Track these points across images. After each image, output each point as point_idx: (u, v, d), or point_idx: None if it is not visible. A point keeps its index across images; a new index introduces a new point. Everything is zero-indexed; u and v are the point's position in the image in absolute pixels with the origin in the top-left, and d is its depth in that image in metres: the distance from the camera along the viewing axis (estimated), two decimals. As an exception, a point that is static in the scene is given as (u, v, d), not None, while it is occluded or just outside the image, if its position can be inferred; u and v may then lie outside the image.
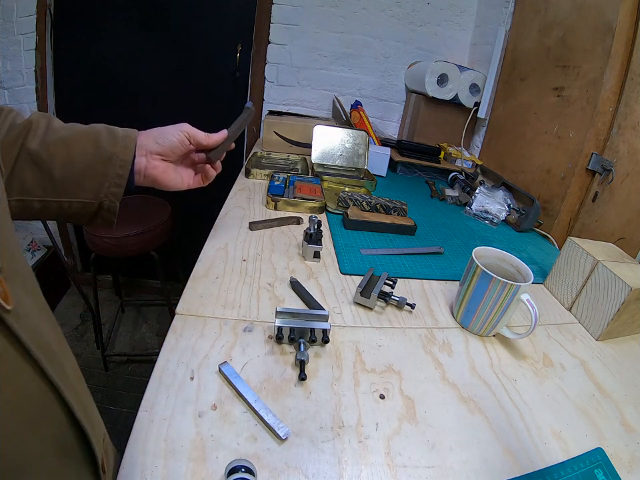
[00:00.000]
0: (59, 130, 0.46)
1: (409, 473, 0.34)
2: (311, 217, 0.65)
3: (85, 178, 0.46)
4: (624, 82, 0.81)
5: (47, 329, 0.23)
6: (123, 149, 0.48)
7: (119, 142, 0.48)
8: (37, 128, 0.45)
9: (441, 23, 1.48)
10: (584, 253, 0.60)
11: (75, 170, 0.46)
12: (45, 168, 0.44)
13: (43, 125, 0.45)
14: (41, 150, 0.44)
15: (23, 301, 0.20)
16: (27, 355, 0.19)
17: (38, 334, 0.21)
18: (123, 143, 0.48)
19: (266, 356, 0.44)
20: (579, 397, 0.45)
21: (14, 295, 0.19)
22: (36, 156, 0.43)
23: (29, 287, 0.22)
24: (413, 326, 0.53)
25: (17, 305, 0.19)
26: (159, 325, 1.83)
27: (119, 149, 0.47)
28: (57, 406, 0.22)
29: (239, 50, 1.53)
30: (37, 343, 0.20)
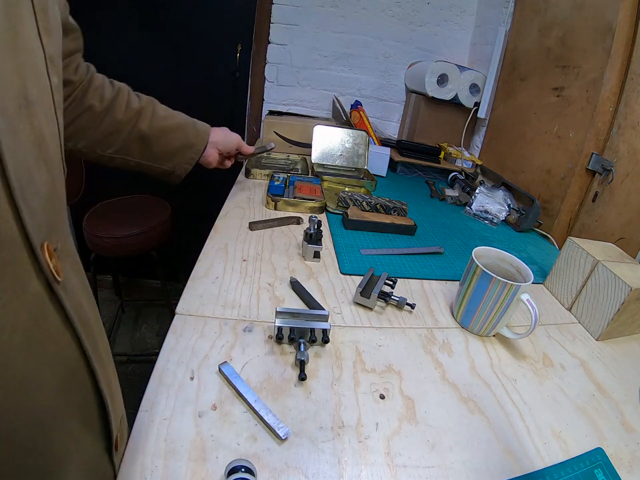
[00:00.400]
0: (161, 119, 0.66)
1: (408, 473, 0.34)
2: (310, 217, 0.65)
3: (171, 155, 0.68)
4: (624, 82, 0.81)
5: (87, 306, 0.26)
6: (200, 141, 0.71)
7: (199, 136, 0.71)
8: (146, 113, 0.65)
9: (441, 23, 1.48)
10: (584, 252, 0.60)
11: (167, 149, 0.68)
12: (147, 143, 0.65)
13: (150, 111, 0.65)
14: (148, 131, 0.64)
15: (71, 278, 0.23)
16: (68, 322, 0.22)
17: (80, 308, 0.24)
18: (201, 137, 0.71)
19: (266, 356, 0.44)
20: (579, 396, 0.45)
21: (65, 271, 0.22)
22: (144, 135, 0.64)
23: (76, 268, 0.25)
24: (413, 326, 0.53)
25: (66, 280, 0.22)
26: (159, 325, 1.83)
27: (198, 140, 0.71)
28: (85, 374, 0.25)
29: (239, 50, 1.53)
30: (77, 315, 0.23)
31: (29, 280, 0.19)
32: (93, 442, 0.27)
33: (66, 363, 0.23)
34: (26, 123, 0.20)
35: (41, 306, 0.20)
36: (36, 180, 0.20)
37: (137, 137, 0.64)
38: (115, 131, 0.62)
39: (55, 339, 0.21)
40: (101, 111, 0.60)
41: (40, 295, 0.20)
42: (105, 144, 0.62)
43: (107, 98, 0.61)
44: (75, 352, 0.23)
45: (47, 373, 0.21)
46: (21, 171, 0.18)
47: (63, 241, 0.23)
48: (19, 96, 0.19)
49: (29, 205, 0.18)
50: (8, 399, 0.18)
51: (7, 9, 0.18)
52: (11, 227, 0.17)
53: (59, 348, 0.22)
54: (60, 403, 0.22)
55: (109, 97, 0.61)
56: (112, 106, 0.61)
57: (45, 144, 0.22)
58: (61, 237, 0.23)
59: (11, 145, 0.17)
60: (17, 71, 0.19)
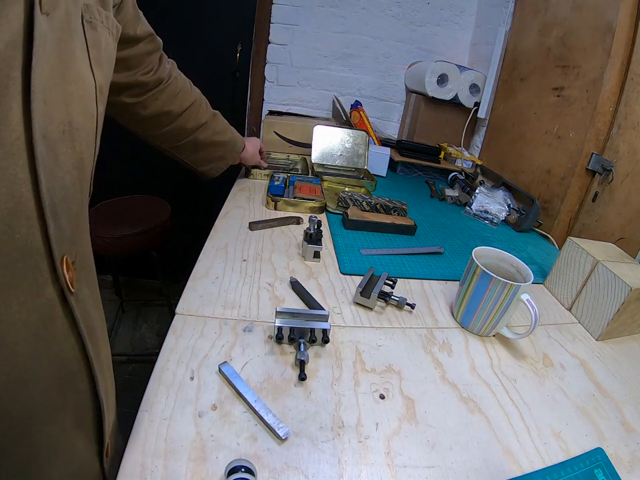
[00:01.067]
0: (215, 134, 0.80)
1: (408, 473, 0.34)
2: (310, 217, 0.65)
3: (208, 162, 0.83)
4: (624, 82, 0.81)
5: (95, 317, 0.27)
6: (233, 157, 0.87)
7: (234, 153, 0.87)
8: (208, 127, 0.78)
9: (441, 23, 1.48)
10: (584, 252, 0.60)
11: (208, 157, 0.82)
12: (197, 149, 0.79)
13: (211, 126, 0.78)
14: (201, 141, 0.78)
15: (83, 290, 0.25)
16: (75, 328, 0.24)
17: (88, 317, 0.26)
18: (235, 154, 0.87)
19: (266, 356, 0.44)
20: (579, 396, 0.45)
21: (79, 283, 0.24)
22: (198, 143, 0.78)
23: (90, 281, 0.27)
24: (413, 326, 0.53)
25: (78, 291, 0.24)
26: (159, 325, 1.83)
27: (233, 155, 0.87)
28: (85, 378, 0.26)
29: (239, 50, 1.53)
30: (85, 323, 0.25)
31: (45, 286, 0.21)
32: (85, 444, 0.28)
33: (67, 364, 0.24)
34: (68, 147, 0.22)
35: (52, 310, 0.22)
36: (70, 199, 0.22)
37: (192, 143, 0.77)
38: (180, 134, 0.74)
39: (60, 341, 0.23)
40: (177, 116, 0.71)
41: (53, 301, 0.22)
42: (169, 141, 0.75)
43: (184, 106, 0.72)
44: (77, 355, 0.25)
45: (48, 369, 0.22)
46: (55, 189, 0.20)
47: (82, 255, 0.26)
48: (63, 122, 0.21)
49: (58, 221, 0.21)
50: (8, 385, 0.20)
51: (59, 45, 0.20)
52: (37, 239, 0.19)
53: (63, 349, 0.24)
54: (56, 399, 0.24)
55: (186, 105, 0.73)
56: (186, 114, 0.73)
57: (83, 166, 0.24)
58: (80, 251, 0.25)
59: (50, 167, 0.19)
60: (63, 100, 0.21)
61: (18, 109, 0.17)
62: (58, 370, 0.23)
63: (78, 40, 0.23)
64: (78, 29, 0.23)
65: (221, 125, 0.81)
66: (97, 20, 0.25)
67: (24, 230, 0.19)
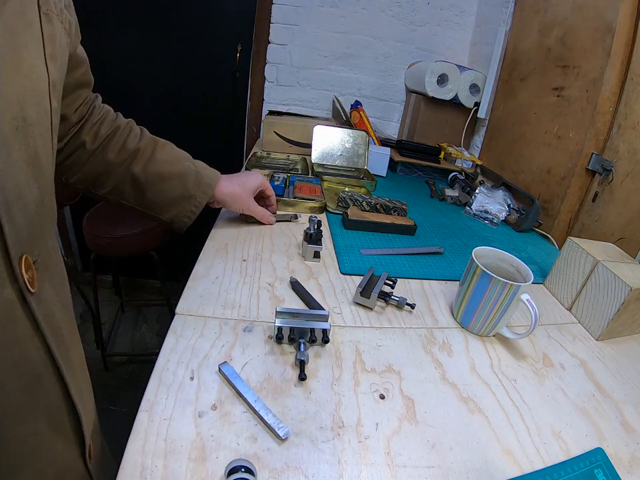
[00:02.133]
0: (159, 164, 0.58)
1: (408, 473, 0.34)
2: (310, 217, 0.65)
3: (167, 206, 0.60)
4: (624, 82, 0.81)
5: (61, 316, 0.27)
6: (202, 194, 0.61)
7: (201, 187, 0.61)
8: (143, 156, 0.57)
9: (441, 23, 1.48)
10: (584, 252, 0.60)
11: (162, 198, 0.59)
12: (140, 189, 0.58)
13: (147, 154, 0.57)
14: (141, 176, 0.57)
15: (47, 289, 0.25)
16: (37, 329, 0.23)
17: (52, 318, 0.25)
18: (203, 189, 0.61)
19: (266, 356, 0.44)
20: (579, 396, 0.45)
21: (40, 283, 0.23)
22: (136, 179, 0.57)
23: (56, 281, 0.27)
24: (413, 326, 0.53)
25: (40, 291, 0.23)
26: (159, 325, 1.83)
27: (199, 193, 0.61)
28: (54, 379, 0.26)
29: (239, 50, 1.53)
30: (48, 323, 0.24)
31: (3, 287, 0.20)
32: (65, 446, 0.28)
33: (32, 366, 0.24)
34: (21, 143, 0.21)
35: (12, 312, 0.21)
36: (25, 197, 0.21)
37: (129, 181, 0.57)
38: (106, 171, 0.56)
39: (23, 342, 0.23)
40: (94, 149, 0.55)
41: (12, 302, 0.21)
42: (97, 183, 0.57)
43: (101, 135, 0.55)
44: (43, 357, 0.24)
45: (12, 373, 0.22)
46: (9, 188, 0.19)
47: (45, 255, 0.25)
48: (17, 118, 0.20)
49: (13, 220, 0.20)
50: None
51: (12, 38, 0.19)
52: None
53: (26, 351, 0.23)
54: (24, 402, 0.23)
55: (105, 134, 0.56)
56: (106, 145, 0.56)
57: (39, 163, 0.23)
58: (43, 250, 0.24)
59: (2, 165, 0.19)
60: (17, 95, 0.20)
61: None
62: (23, 372, 0.23)
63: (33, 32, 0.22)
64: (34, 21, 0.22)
65: (167, 153, 0.60)
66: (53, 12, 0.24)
67: None
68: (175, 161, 0.60)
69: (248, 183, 0.68)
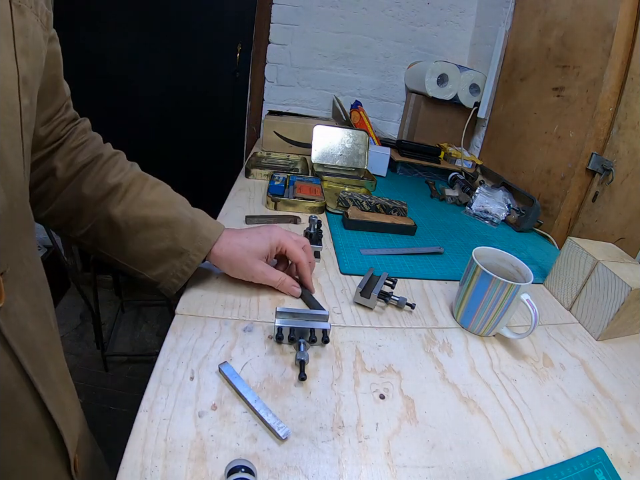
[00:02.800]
0: (144, 205, 0.46)
1: (408, 473, 0.34)
2: (310, 217, 0.65)
3: (153, 261, 0.47)
4: (624, 82, 0.81)
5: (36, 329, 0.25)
6: (196, 250, 0.48)
7: (195, 242, 0.48)
8: (126, 193, 0.45)
9: (441, 23, 1.48)
10: (584, 252, 0.60)
11: (146, 250, 0.47)
12: (120, 236, 0.45)
13: (132, 192, 0.46)
14: (120, 219, 0.44)
15: (17, 302, 0.23)
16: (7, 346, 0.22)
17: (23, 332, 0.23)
18: (198, 244, 0.48)
19: (266, 356, 0.44)
20: (579, 397, 0.45)
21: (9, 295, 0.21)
22: (114, 222, 0.44)
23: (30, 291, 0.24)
24: (413, 326, 0.53)
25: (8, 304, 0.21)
26: (159, 325, 1.83)
27: (193, 249, 0.48)
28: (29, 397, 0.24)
29: (239, 50, 1.53)
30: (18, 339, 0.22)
31: None
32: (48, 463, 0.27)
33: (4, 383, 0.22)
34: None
35: None
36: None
37: (106, 224, 0.45)
38: (78, 209, 0.44)
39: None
40: (66, 179, 0.44)
41: None
42: (70, 224, 0.46)
43: (77, 163, 0.44)
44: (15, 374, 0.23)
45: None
46: None
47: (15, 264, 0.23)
48: None
49: None
50: None
51: None
52: None
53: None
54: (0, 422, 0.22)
55: (82, 162, 0.45)
56: (83, 176, 0.45)
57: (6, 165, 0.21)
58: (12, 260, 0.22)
59: None
60: None
61: None
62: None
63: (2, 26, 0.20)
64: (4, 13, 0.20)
65: (157, 194, 0.48)
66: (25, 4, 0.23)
67: None
68: (166, 204, 0.48)
69: (254, 242, 0.51)
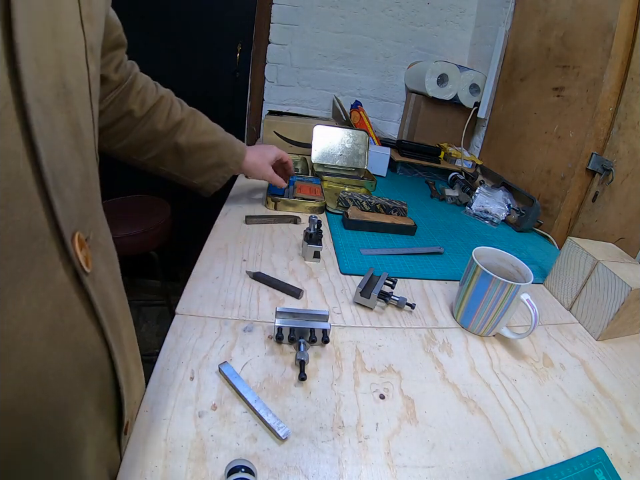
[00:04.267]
0: (200, 134, 0.65)
1: (408, 473, 0.34)
2: (310, 217, 0.65)
3: (203, 172, 0.68)
4: (624, 82, 0.81)
5: (114, 297, 0.26)
6: (234, 163, 0.70)
7: (234, 157, 0.70)
8: (186, 126, 0.63)
9: (441, 23, 1.48)
10: (584, 252, 0.60)
11: (199, 165, 0.67)
12: (181, 157, 0.64)
13: (190, 124, 0.64)
14: (184, 145, 0.63)
15: (100, 268, 0.23)
16: (93, 313, 0.22)
17: (106, 298, 0.24)
18: (235, 159, 0.70)
19: (266, 356, 0.44)
20: (579, 397, 0.45)
21: (94, 262, 0.22)
22: (180, 148, 0.63)
23: (108, 259, 0.26)
24: (413, 326, 0.53)
25: (95, 270, 0.22)
26: (159, 325, 1.83)
27: (232, 162, 0.70)
28: (107, 362, 0.25)
29: (239, 50, 1.53)
30: (103, 306, 0.23)
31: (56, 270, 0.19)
32: (105, 426, 0.28)
33: (89, 351, 0.23)
34: (63, 111, 0.19)
35: (67, 296, 0.20)
36: (70, 170, 0.20)
37: (172, 149, 0.63)
38: (152, 140, 0.61)
39: (79, 328, 0.21)
40: (141, 117, 0.58)
41: (66, 285, 0.20)
42: (141, 151, 0.61)
43: (148, 104, 0.59)
44: (98, 341, 0.23)
45: (69, 361, 0.21)
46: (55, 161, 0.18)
47: (96, 231, 0.24)
48: (57, 84, 0.18)
49: (62, 195, 0.18)
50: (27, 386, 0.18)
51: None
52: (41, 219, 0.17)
53: (83, 337, 0.22)
54: (80, 389, 0.22)
55: (151, 102, 0.59)
56: (153, 113, 0.60)
57: (81, 134, 0.21)
58: (93, 226, 0.23)
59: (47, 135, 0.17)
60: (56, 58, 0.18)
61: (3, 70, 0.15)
62: (80, 359, 0.22)
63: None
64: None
65: (205, 124, 0.67)
66: None
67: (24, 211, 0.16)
68: (212, 131, 0.67)
69: (267, 154, 0.77)
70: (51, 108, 0.18)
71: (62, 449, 0.22)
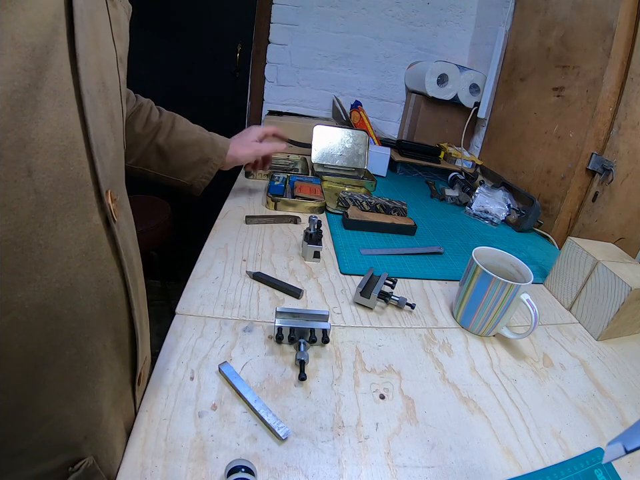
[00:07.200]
0: (179, 134, 0.69)
1: (408, 473, 0.34)
2: (310, 217, 0.65)
3: (188, 170, 0.71)
4: (624, 82, 0.81)
5: (132, 249, 0.31)
6: (217, 157, 0.73)
7: (216, 151, 0.73)
8: (165, 128, 0.68)
9: (441, 23, 1.48)
10: (584, 252, 0.60)
11: (183, 163, 0.70)
12: (164, 157, 0.68)
13: (168, 126, 0.68)
14: (165, 145, 0.68)
15: (123, 222, 0.29)
16: (116, 253, 0.27)
17: (127, 247, 0.29)
18: (218, 153, 0.73)
19: (266, 356, 0.44)
20: (579, 396, 0.45)
21: (119, 217, 0.27)
22: (161, 148, 0.67)
23: (129, 219, 0.31)
24: (413, 326, 0.53)
25: (120, 222, 0.28)
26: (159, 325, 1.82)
27: (215, 156, 0.72)
28: (124, 302, 0.29)
29: (239, 50, 1.53)
30: (124, 250, 0.28)
31: (92, 213, 0.24)
32: (121, 370, 0.31)
33: (110, 285, 0.27)
34: (103, 103, 0.25)
35: (98, 234, 0.25)
36: (107, 145, 0.26)
37: (154, 150, 0.67)
38: (133, 143, 0.65)
39: (105, 263, 0.26)
40: None
41: (99, 227, 0.25)
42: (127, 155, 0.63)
43: (127, 112, 0.63)
44: (118, 279, 0.28)
45: (94, 286, 0.25)
46: (97, 135, 0.24)
47: (121, 196, 0.30)
48: (98, 82, 0.25)
49: (101, 160, 0.24)
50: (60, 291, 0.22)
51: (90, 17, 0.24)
52: (86, 173, 0.23)
53: (107, 271, 0.27)
54: (100, 316, 0.26)
55: (129, 110, 0.65)
56: (133, 119, 0.65)
57: (114, 122, 0.28)
58: (120, 191, 0.29)
59: (93, 116, 0.23)
60: (98, 63, 0.25)
61: (67, 67, 0.21)
62: (102, 288, 0.26)
63: (103, 15, 0.27)
64: (102, 6, 0.27)
65: (184, 125, 0.71)
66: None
67: (76, 164, 0.22)
68: (192, 131, 0.71)
69: (246, 137, 0.81)
70: (95, 98, 0.24)
71: (81, 366, 0.25)
